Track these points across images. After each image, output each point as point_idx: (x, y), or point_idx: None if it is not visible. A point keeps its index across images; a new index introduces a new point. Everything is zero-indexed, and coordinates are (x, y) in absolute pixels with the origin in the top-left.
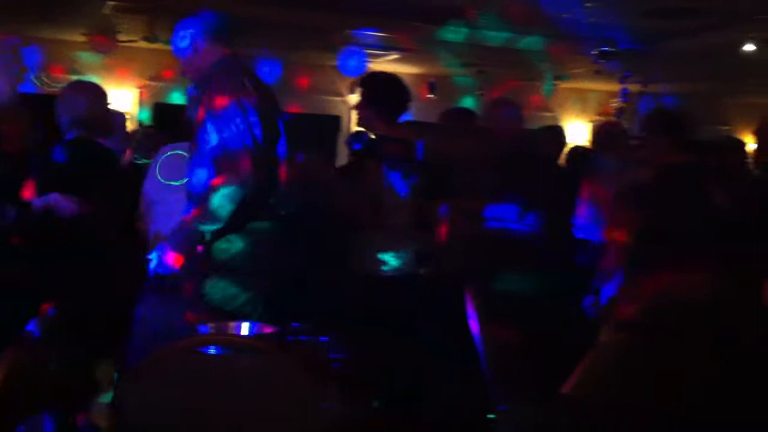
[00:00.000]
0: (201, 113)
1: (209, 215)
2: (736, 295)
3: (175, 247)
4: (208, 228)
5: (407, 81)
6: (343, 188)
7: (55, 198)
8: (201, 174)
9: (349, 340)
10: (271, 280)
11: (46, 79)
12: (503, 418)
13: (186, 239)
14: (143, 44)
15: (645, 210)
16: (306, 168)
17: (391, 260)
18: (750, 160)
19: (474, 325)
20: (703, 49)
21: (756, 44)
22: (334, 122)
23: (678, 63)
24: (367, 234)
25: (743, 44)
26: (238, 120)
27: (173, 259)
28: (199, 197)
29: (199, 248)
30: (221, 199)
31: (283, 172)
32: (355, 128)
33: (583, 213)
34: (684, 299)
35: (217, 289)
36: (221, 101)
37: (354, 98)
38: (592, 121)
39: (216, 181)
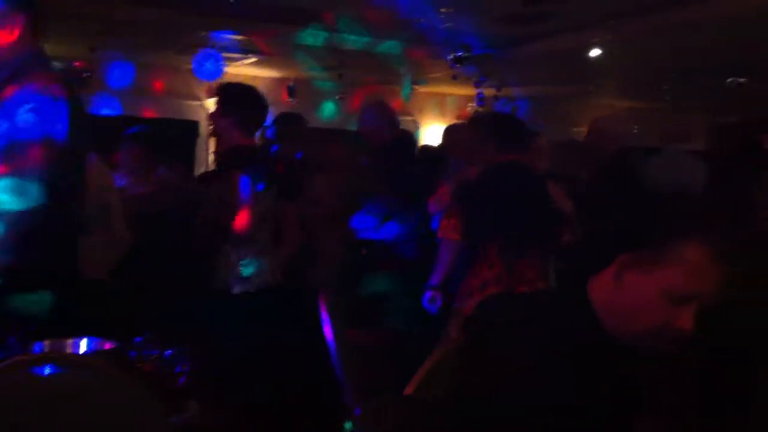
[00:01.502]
0: None
1: None
2: (570, 289)
3: None
4: None
5: (266, 85)
6: (202, 197)
7: None
8: None
9: (198, 351)
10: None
11: None
12: (359, 423)
13: None
14: None
15: (468, 207)
16: (163, 175)
17: (247, 272)
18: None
19: (329, 332)
20: (553, 53)
21: (602, 48)
22: (192, 127)
23: (530, 67)
24: (223, 245)
25: (590, 48)
26: (32, 110)
27: None
28: None
29: None
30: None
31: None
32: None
33: (435, 213)
34: (513, 293)
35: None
36: (11, 90)
37: (212, 102)
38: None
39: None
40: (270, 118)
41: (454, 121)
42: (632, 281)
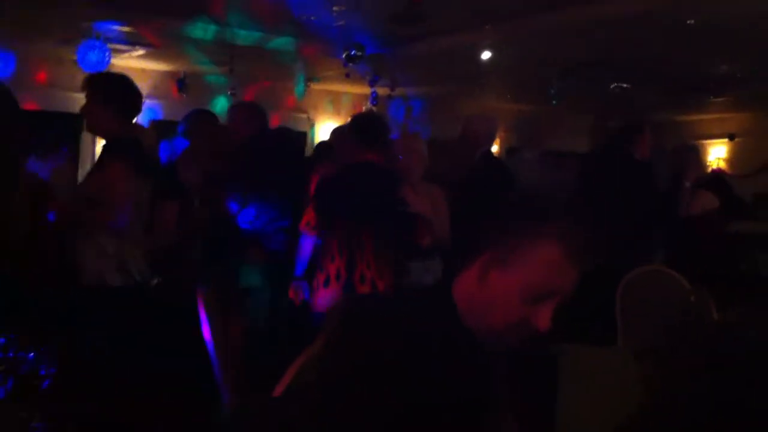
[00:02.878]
0: None
1: None
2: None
3: None
4: None
5: (155, 78)
6: (79, 189)
7: None
8: None
9: (65, 352)
10: None
11: None
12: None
13: None
14: None
15: (318, 202)
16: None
17: (122, 267)
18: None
19: (206, 329)
20: (440, 53)
21: (489, 49)
22: (76, 120)
23: (420, 67)
24: (95, 239)
25: (478, 49)
26: None
27: None
28: None
29: None
30: None
31: None
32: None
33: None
34: (376, 294)
35: None
36: None
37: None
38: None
39: None
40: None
41: (348, 120)
42: (492, 280)
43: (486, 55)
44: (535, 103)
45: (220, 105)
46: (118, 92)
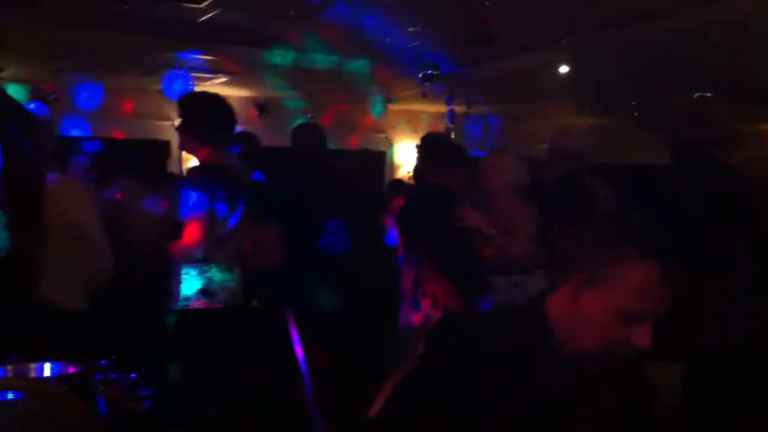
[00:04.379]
0: None
1: None
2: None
3: None
4: None
5: (236, 104)
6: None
7: None
8: None
9: (162, 376)
10: None
11: None
12: None
13: None
14: None
15: (402, 226)
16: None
17: (215, 291)
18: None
19: (299, 351)
20: (517, 69)
21: (567, 65)
22: (162, 147)
23: (496, 84)
24: (186, 265)
25: (553, 66)
26: None
27: None
28: None
29: None
30: None
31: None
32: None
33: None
34: (472, 312)
35: None
36: None
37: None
38: None
39: None
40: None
41: None
42: (586, 301)
43: (563, 69)
44: (614, 116)
45: None
46: (201, 116)
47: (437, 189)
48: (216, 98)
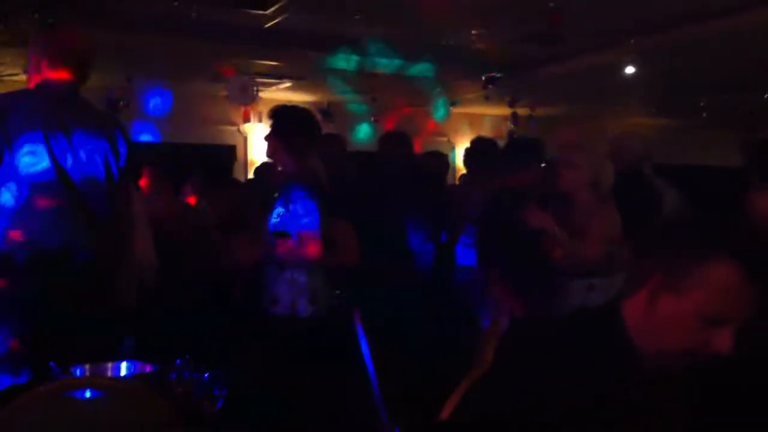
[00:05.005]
0: None
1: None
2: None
3: None
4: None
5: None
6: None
7: None
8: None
9: (236, 375)
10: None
11: None
12: None
13: None
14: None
15: (479, 231)
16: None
17: (314, 299)
18: None
19: (365, 349)
20: (583, 70)
21: (634, 65)
22: (229, 151)
23: (561, 85)
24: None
25: (619, 66)
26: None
27: None
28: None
29: None
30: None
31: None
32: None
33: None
34: (547, 316)
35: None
36: None
37: (248, 127)
38: None
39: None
40: None
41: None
42: (664, 304)
43: (629, 70)
44: (682, 117)
45: (363, 132)
46: (289, 127)
47: (506, 190)
48: (303, 110)
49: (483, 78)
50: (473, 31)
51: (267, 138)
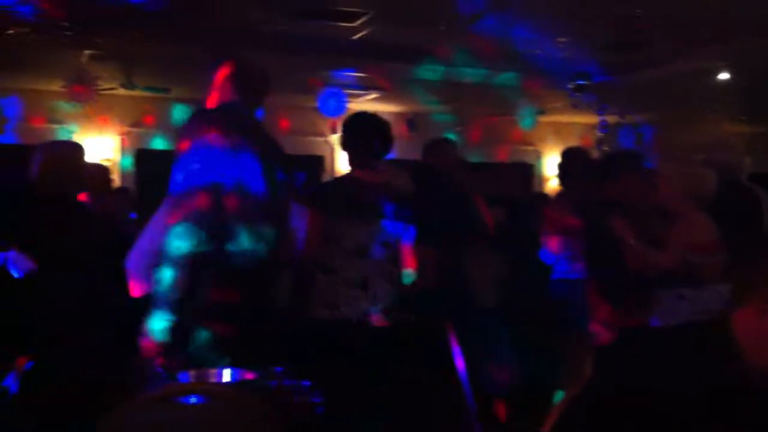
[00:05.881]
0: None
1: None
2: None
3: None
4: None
5: (387, 119)
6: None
7: (12, 255)
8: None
9: (332, 384)
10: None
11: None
12: None
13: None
14: (122, 92)
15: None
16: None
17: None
18: None
19: (459, 362)
20: (672, 76)
21: (725, 71)
22: (317, 162)
23: (648, 93)
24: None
25: (714, 71)
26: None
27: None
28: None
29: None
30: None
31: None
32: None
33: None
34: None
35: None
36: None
37: (336, 138)
38: None
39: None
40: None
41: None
42: None
43: (722, 76)
44: None
45: None
46: (352, 136)
47: (597, 201)
48: (368, 119)
49: (570, 86)
50: (558, 39)
51: (342, 148)
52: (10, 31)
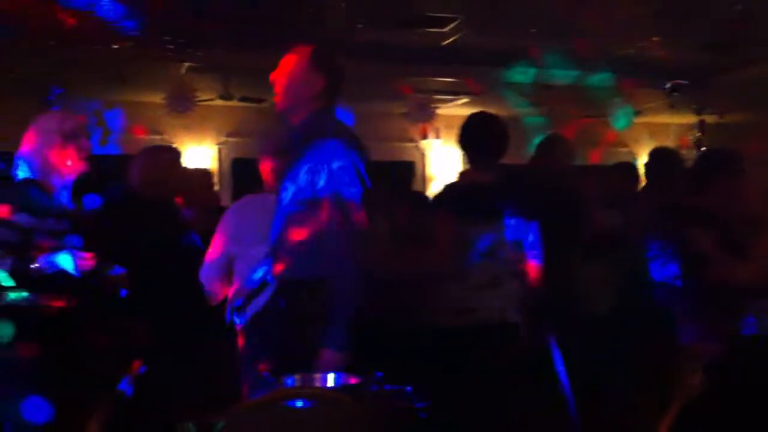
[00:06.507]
0: (283, 164)
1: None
2: None
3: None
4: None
5: None
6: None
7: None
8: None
9: (435, 389)
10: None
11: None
12: None
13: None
14: (220, 102)
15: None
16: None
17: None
18: None
19: (562, 371)
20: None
21: None
22: (408, 168)
23: (749, 91)
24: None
25: None
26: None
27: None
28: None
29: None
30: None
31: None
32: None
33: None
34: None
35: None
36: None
37: (426, 143)
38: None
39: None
40: None
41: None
42: None
43: None
44: None
45: None
46: (470, 137)
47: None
48: (485, 119)
49: (667, 86)
50: (654, 39)
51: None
52: (115, 46)
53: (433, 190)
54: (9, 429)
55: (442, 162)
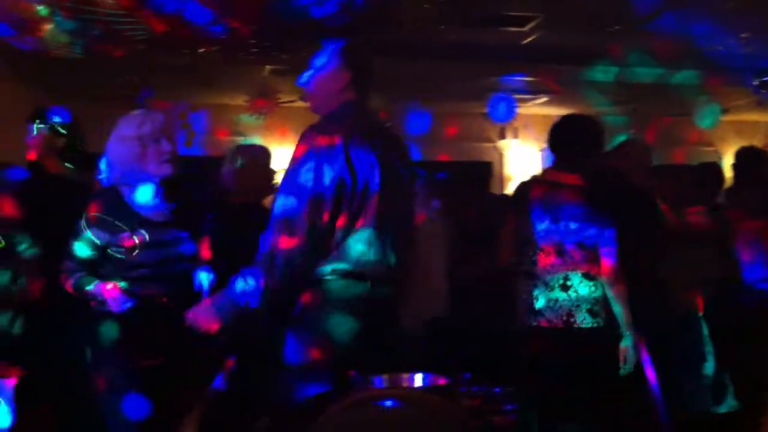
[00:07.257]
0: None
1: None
2: None
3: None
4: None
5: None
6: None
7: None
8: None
9: (522, 391)
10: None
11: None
12: None
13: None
14: (300, 104)
15: None
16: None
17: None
18: None
19: (651, 374)
20: None
21: None
22: (485, 168)
23: None
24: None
25: None
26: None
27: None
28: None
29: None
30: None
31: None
32: None
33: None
34: None
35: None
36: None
37: (504, 143)
38: None
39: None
40: None
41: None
42: None
43: None
44: None
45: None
46: (558, 137)
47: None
48: (576, 120)
49: (755, 82)
50: (742, 35)
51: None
52: (202, 50)
53: (510, 190)
54: (112, 425)
55: (520, 162)
